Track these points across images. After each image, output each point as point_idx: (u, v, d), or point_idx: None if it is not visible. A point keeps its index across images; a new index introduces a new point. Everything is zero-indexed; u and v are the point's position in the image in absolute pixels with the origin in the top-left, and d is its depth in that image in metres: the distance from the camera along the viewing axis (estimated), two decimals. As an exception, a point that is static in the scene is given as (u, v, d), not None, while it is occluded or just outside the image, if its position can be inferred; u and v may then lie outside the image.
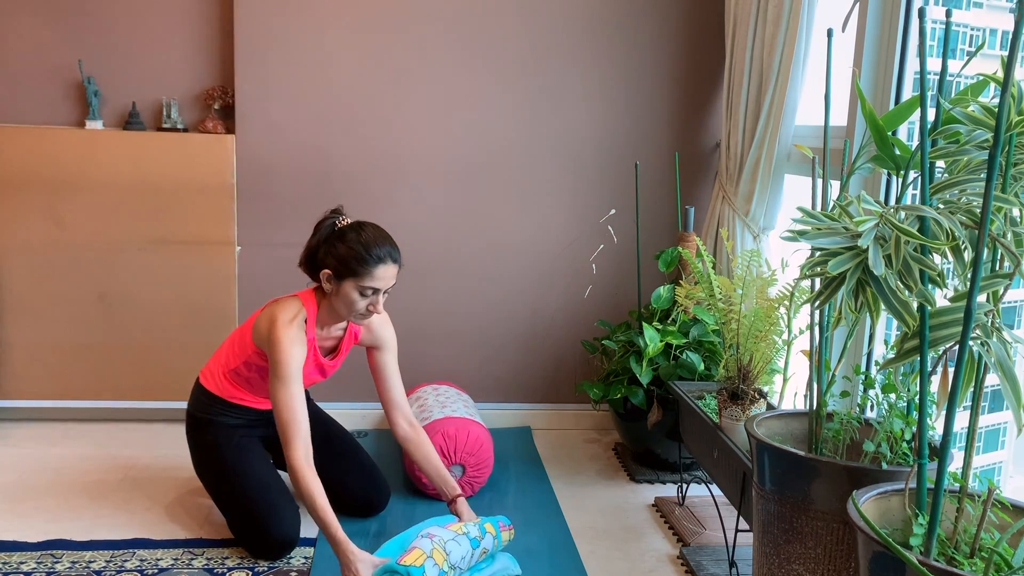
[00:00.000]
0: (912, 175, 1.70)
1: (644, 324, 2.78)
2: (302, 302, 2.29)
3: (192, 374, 2.58)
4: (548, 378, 3.40)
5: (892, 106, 2.27)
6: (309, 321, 2.29)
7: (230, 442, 2.39)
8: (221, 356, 2.44)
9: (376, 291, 2.22)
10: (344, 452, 2.56)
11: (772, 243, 2.91)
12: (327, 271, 2.23)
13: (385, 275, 2.21)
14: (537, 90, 3.20)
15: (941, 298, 1.46)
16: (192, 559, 2.26)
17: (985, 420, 2.23)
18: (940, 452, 1.37)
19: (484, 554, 2.19)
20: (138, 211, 3.07)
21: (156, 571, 2.18)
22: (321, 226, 2.28)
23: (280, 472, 2.48)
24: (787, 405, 2.30)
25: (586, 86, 3.21)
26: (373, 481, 2.55)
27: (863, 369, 2.17)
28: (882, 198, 2.30)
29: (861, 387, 1.89)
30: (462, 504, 2.37)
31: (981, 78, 1.56)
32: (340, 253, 2.20)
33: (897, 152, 1.73)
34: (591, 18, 3.17)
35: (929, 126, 1.51)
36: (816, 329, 1.83)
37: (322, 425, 2.58)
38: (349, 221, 2.28)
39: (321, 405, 2.85)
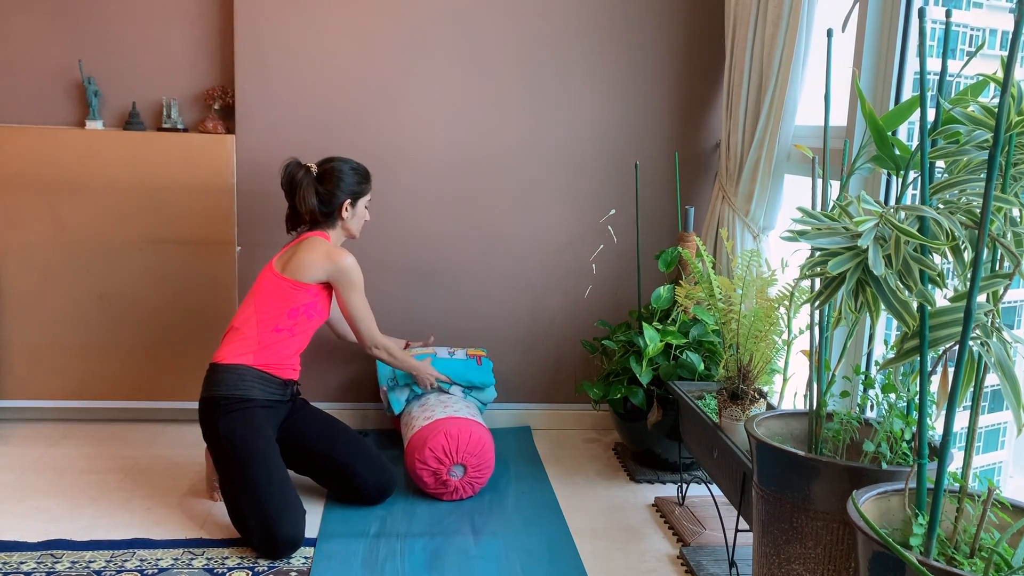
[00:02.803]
0: (912, 175, 1.70)
1: (644, 324, 2.78)
2: (323, 237, 2.58)
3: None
4: (548, 378, 3.40)
5: (892, 106, 2.27)
6: None
7: (260, 429, 2.40)
8: (251, 327, 2.48)
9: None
10: (353, 440, 2.63)
11: (772, 243, 2.91)
12: (347, 202, 2.57)
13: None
14: (537, 90, 3.20)
15: (941, 298, 1.46)
16: (192, 559, 2.26)
17: (985, 420, 2.23)
18: (940, 452, 1.37)
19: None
20: (138, 211, 3.07)
21: (156, 571, 2.18)
22: (298, 178, 2.55)
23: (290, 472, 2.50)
24: (787, 405, 2.29)
25: (586, 86, 3.21)
26: (382, 467, 2.62)
27: (863, 369, 2.16)
28: (882, 198, 2.30)
29: (861, 387, 1.89)
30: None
31: (981, 78, 1.56)
32: (348, 183, 2.58)
33: (897, 152, 1.73)
34: (591, 18, 3.17)
35: (929, 126, 1.51)
36: (816, 329, 1.83)
37: (329, 420, 2.67)
38: (311, 164, 2.59)
39: (322, 405, 2.85)
